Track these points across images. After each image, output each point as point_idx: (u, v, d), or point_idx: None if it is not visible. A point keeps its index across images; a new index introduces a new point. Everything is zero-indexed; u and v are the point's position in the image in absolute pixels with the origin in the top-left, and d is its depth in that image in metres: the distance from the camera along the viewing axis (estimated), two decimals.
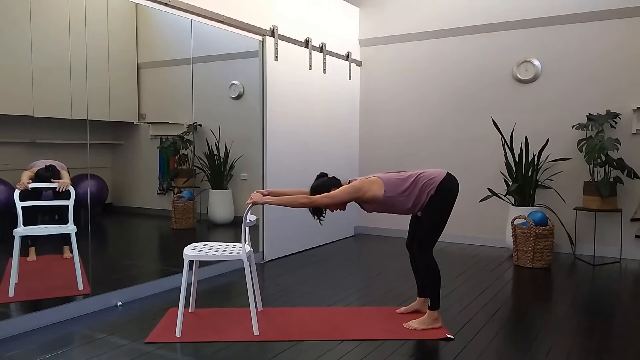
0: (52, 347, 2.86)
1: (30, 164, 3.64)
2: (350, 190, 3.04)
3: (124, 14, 4.85)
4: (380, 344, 2.94)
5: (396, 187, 3.07)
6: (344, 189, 3.06)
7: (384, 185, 3.06)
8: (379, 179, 3.10)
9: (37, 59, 3.90)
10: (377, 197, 3.05)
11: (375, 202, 3.08)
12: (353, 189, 3.05)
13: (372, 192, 3.05)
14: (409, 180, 3.08)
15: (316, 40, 5.58)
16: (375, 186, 3.06)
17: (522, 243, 4.80)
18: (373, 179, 3.12)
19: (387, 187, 3.06)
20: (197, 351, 2.85)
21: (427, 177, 3.08)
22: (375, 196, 3.05)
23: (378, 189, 3.05)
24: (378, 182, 3.08)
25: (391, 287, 4.09)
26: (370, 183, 3.08)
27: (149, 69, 5.04)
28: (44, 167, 3.62)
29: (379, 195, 3.05)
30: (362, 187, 3.05)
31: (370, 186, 3.06)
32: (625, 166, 4.86)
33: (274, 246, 5.05)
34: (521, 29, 5.53)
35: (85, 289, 3.56)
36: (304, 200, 3.02)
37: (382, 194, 3.05)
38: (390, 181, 3.09)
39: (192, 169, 5.22)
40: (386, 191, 3.05)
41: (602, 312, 3.54)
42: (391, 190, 3.06)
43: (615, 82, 5.13)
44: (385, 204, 3.08)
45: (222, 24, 4.43)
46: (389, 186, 3.07)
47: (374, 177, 3.13)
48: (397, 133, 6.26)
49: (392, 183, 3.08)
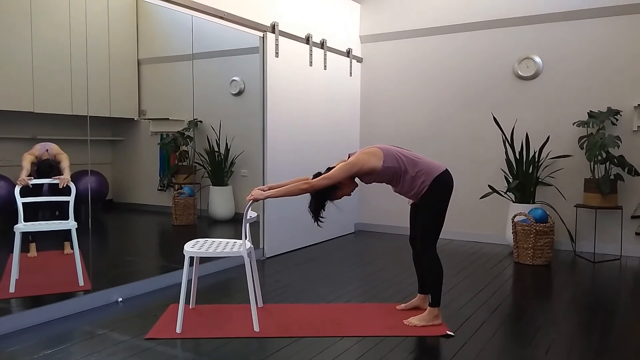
0: (52, 343, 2.86)
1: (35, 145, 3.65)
2: (347, 167, 3.01)
3: (125, 9, 4.84)
4: (381, 341, 2.95)
5: (395, 160, 3.05)
6: (341, 166, 3.03)
7: (384, 155, 3.04)
8: (378, 149, 3.08)
9: (38, 55, 3.90)
10: (376, 167, 3.02)
11: (374, 173, 3.05)
12: (349, 165, 3.01)
13: (370, 164, 3.02)
14: (410, 158, 3.08)
15: (317, 37, 5.57)
16: (374, 157, 3.03)
17: (522, 240, 4.80)
18: (372, 149, 3.08)
19: (386, 158, 3.04)
20: (197, 347, 2.85)
21: (425, 165, 3.07)
22: (374, 167, 3.02)
23: (376, 160, 3.02)
24: (377, 152, 3.05)
25: (391, 284, 4.09)
26: (368, 154, 3.05)
27: (150, 65, 5.03)
28: (44, 160, 3.62)
29: (378, 166, 3.02)
30: (358, 162, 3.02)
31: (367, 158, 3.03)
32: (625, 163, 4.86)
33: (274, 243, 5.05)
34: (522, 25, 5.52)
35: (85, 285, 3.57)
36: (304, 186, 3.00)
37: (381, 165, 3.02)
38: (391, 153, 3.07)
39: (192, 166, 5.22)
40: (385, 162, 3.03)
41: (602, 309, 3.55)
42: (390, 162, 3.04)
43: (616, 79, 5.12)
44: (382, 174, 3.06)
45: (223, 20, 4.42)
46: (388, 157, 3.04)
47: (373, 148, 3.10)
48: (397, 129, 6.26)
49: (393, 155, 3.06)
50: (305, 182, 3.03)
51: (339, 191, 3.10)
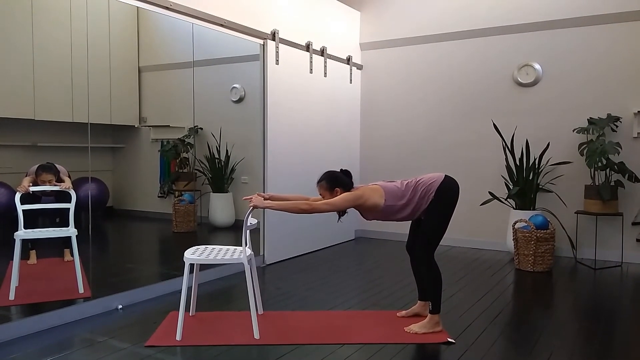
0: (52, 351, 2.86)
1: (30, 169, 3.64)
2: (351, 198, 3.05)
3: (125, 17, 4.87)
4: (381, 348, 2.94)
5: (396, 197, 3.07)
6: (345, 196, 3.07)
7: (385, 194, 3.07)
8: (380, 187, 3.11)
9: (39, 63, 3.92)
10: (378, 205, 3.06)
11: (376, 211, 3.09)
12: (354, 196, 3.06)
13: (373, 200, 3.06)
14: (409, 188, 3.09)
15: (317, 44, 5.59)
16: (377, 195, 3.07)
17: (523, 247, 4.79)
18: (374, 187, 3.13)
19: (388, 196, 3.07)
20: (197, 355, 2.84)
21: (426, 183, 3.08)
22: (376, 204, 3.06)
23: (379, 197, 3.06)
24: (379, 190, 3.09)
25: (392, 291, 4.09)
26: (372, 191, 3.09)
27: (150, 72, 5.05)
28: (45, 163, 3.62)
29: (380, 204, 3.05)
30: (362, 195, 3.06)
31: (371, 194, 3.07)
32: (626, 170, 4.86)
33: (274, 249, 5.04)
34: (522, 32, 5.54)
35: (85, 292, 3.56)
36: (304, 207, 3.03)
37: (383, 203, 3.05)
38: (391, 190, 3.10)
39: (193, 172, 5.22)
40: (386, 200, 3.06)
41: (603, 316, 3.53)
42: (391, 199, 3.06)
43: (616, 86, 5.13)
44: (385, 212, 3.09)
45: (223, 28, 4.43)
46: (389, 195, 3.07)
47: (374, 185, 3.14)
48: (398, 136, 6.26)
49: (392, 192, 3.09)
50: (306, 202, 3.08)
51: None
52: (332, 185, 3.12)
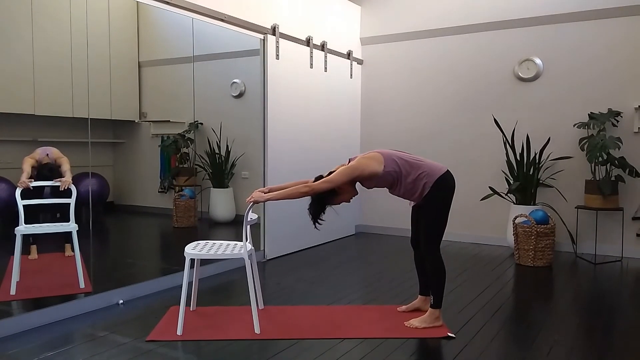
0: (53, 345, 2.86)
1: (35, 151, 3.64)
2: (348, 171, 3.00)
3: (125, 12, 4.85)
4: (382, 342, 2.94)
5: (396, 164, 3.04)
6: (342, 170, 3.02)
7: (384, 160, 3.03)
8: (378, 153, 3.07)
9: (39, 58, 3.91)
10: (377, 172, 3.02)
11: (375, 178, 3.05)
12: (350, 169, 3.01)
13: (371, 168, 3.01)
14: (411, 162, 3.07)
15: (317, 39, 5.58)
16: (374, 162, 3.03)
17: (523, 242, 4.80)
18: (372, 154, 3.08)
19: (387, 163, 3.03)
20: (198, 349, 2.85)
21: (427, 167, 3.07)
22: (375, 172, 3.01)
23: (377, 164, 3.02)
24: (378, 157, 3.05)
25: (392, 286, 4.09)
26: (369, 159, 3.04)
27: (150, 67, 5.04)
28: (45, 164, 3.63)
29: (379, 171, 3.01)
30: (359, 166, 3.02)
31: (368, 162, 3.02)
32: (626, 165, 4.86)
33: (275, 244, 5.05)
34: (523, 27, 5.52)
35: (86, 287, 3.57)
36: (304, 189, 2.99)
37: (382, 169, 3.02)
38: (391, 157, 3.06)
39: (193, 168, 5.22)
40: (385, 166, 3.02)
41: (604, 311, 3.54)
42: (390, 166, 3.03)
43: (617, 81, 5.12)
44: (383, 179, 3.05)
45: (223, 23, 4.42)
46: (389, 161, 3.04)
47: (373, 152, 3.09)
48: (398, 131, 6.26)
49: (393, 160, 3.05)
50: (305, 185, 3.03)
51: (339, 197, 3.09)
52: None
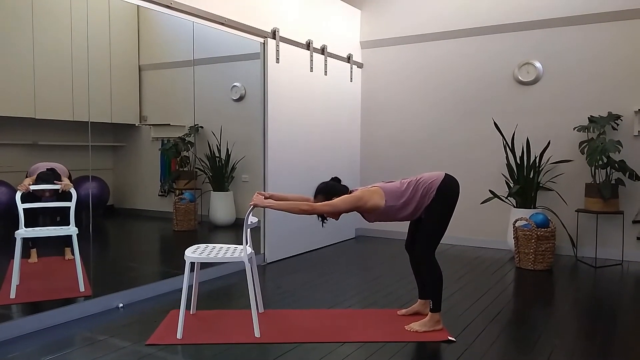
0: (53, 349, 2.86)
1: (32, 167, 3.64)
2: (352, 200, 3.06)
3: (126, 16, 4.86)
4: (382, 346, 2.94)
5: (396, 197, 3.08)
6: (345, 198, 3.07)
7: (385, 195, 3.08)
8: (379, 188, 3.12)
9: (39, 61, 3.91)
10: (379, 206, 3.06)
11: (377, 212, 3.09)
12: (354, 198, 3.07)
13: (373, 202, 3.06)
14: (409, 188, 3.09)
15: (317, 43, 5.58)
16: (377, 196, 3.07)
17: (523, 245, 4.79)
18: (374, 188, 3.13)
19: (388, 197, 3.07)
20: (198, 353, 2.85)
21: (426, 182, 3.08)
22: (377, 206, 3.06)
23: (379, 198, 3.06)
24: (379, 192, 3.09)
25: (392, 289, 4.09)
26: (371, 193, 3.09)
27: (151, 71, 5.05)
28: (45, 169, 3.63)
29: (380, 205, 3.06)
30: (363, 197, 3.06)
31: (371, 196, 3.07)
32: (626, 168, 4.86)
33: (275, 248, 5.04)
34: (522, 31, 5.53)
35: (86, 290, 3.57)
36: (305, 207, 3.04)
37: (384, 204, 3.06)
38: (391, 191, 3.10)
39: (193, 171, 5.22)
40: (387, 201, 3.06)
41: (604, 315, 3.54)
42: (392, 200, 3.07)
43: (617, 84, 5.13)
44: (386, 213, 3.09)
45: (224, 26, 4.43)
46: (390, 196, 3.08)
47: (374, 187, 3.15)
48: (398, 135, 6.26)
49: (393, 193, 3.09)
50: (307, 203, 3.09)
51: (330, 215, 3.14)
52: (329, 197, 3.12)
